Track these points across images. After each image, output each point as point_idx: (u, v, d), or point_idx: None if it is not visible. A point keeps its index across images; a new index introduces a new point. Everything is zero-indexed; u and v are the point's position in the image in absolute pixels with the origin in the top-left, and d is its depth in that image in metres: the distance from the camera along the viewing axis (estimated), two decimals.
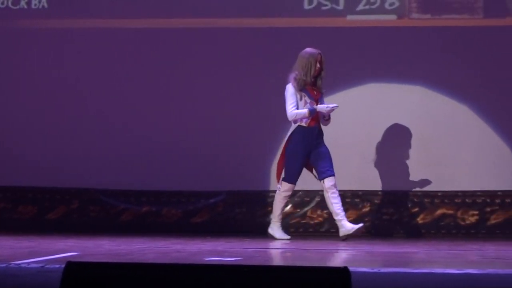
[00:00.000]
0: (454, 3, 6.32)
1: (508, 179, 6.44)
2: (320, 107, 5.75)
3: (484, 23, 6.31)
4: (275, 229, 5.88)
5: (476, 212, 6.44)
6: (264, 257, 4.84)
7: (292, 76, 5.77)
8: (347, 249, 5.41)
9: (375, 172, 6.38)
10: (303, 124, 5.81)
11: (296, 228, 6.47)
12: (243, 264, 3.51)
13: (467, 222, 6.48)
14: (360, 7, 6.34)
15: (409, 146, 6.40)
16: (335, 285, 2.54)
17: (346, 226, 5.70)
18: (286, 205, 6.01)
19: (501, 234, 6.29)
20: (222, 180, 6.36)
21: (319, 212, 6.38)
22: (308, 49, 5.79)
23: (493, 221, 6.42)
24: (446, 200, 6.41)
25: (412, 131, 6.40)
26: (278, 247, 5.57)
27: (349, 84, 6.39)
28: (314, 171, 5.83)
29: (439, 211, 6.43)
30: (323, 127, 5.85)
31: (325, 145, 5.83)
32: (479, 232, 6.35)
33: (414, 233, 6.37)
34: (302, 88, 5.80)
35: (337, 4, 6.36)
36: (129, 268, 2.63)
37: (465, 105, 6.42)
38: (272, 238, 5.82)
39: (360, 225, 5.73)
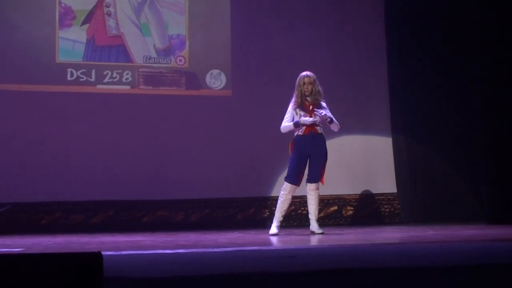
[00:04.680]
0: (167, 79, 6.74)
1: None
2: (303, 120, 5.44)
3: (186, 93, 6.79)
4: (272, 227, 5.42)
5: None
6: (41, 247, 4.49)
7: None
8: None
9: None
10: (299, 133, 5.48)
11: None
12: (16, 253, 3.24)
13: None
14: (106, 80, 6.63)
15: None
16: (88, 268, 2.35)
17: (312, 226, 5.47)
18: (289, 207, 5.45)
19: None
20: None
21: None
22: (300, 74, 5.51)
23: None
24: None
25: None
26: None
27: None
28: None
29: None
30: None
31: (323, 152, 5.44)
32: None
33: None
34: (299, 105, 5.49)
35: (90, 77, 6.61)
36: None
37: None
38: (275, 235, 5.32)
39: (320, 230, 5.42)
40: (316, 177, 5.45)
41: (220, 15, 6.95)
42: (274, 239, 5.00)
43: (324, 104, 5.53)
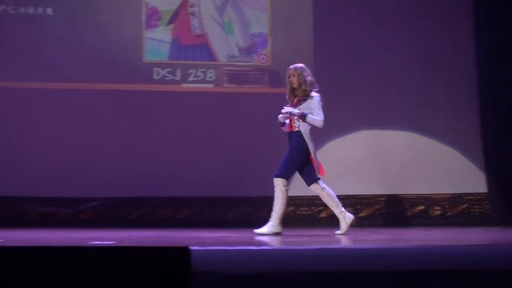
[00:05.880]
0: (249, 77, 6.89)
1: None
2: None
3: (269, 91, 6.88)
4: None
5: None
6: (131, 241, 4.64)
7: None
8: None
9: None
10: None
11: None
12: (108, 246, 3.40)
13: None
14: (190, 78, 6.82)
15: None
16: (176, 262, 2.45)
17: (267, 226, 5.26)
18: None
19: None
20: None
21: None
22: None
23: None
24: None
25: None
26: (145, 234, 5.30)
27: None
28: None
29: None
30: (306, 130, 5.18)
31: (292, 150, 5.21)
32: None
33: None
34: (290, 100, 5.35)
35: (175, 76, 6.82)
36: (41, 250, 2.52)
37: None
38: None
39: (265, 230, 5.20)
40: (278, 171, 5.20)
41: (302, 12, 7.00)
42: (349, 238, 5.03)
43: (313, 95, 5.25)
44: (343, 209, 5.33)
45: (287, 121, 5.29)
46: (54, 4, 6.75)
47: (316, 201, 6.92)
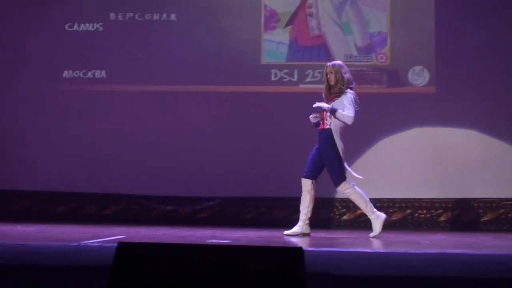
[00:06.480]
0: (367, 76, 6.82)
1: None
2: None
3: (387, 91, 6.85)
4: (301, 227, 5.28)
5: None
6: (246, 240, 5.03)
7: None
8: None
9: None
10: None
11: None
12: (224, 244, 3.54)
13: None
14: (308, 79, 6.91)
15: None
16: (290, 262, 2.42)
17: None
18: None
19: None
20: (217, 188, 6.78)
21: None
22: None
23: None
24: None
25: None
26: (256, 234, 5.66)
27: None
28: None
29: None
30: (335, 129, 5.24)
31: (324, 155, 5.28)
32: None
33: None
34: (326, 99, 5.41)
35: (293, 77, 6.98)
36: (161, 247, 2.62)
37: None
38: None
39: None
40: (334, 180, 5.27)
41: (423, 11, 6.87)
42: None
43: (348, 91, 5.27)
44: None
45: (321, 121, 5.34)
46: (177, 10, 7.03)
47: (435, 204, 6.75)
